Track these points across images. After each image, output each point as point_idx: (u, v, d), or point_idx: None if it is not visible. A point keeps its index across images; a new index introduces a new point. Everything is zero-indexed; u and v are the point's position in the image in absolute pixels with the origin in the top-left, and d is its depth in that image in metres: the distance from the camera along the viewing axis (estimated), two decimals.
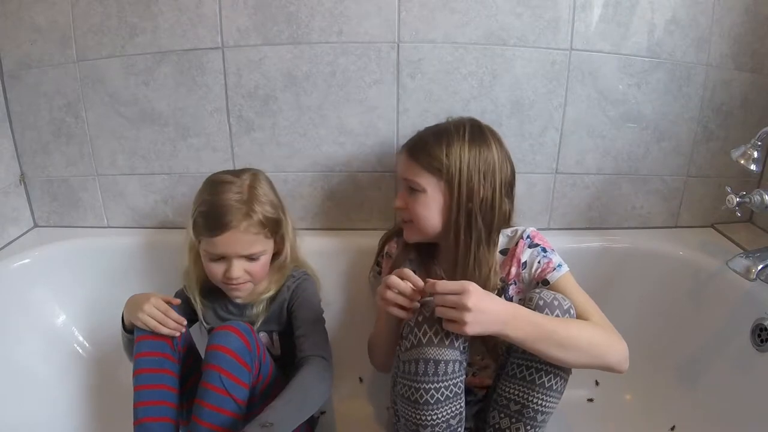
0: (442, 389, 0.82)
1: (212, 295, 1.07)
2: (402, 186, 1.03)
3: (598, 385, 1.26)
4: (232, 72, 1.19)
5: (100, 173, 1.31)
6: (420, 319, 0.83)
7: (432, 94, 1.20)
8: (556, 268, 0.95)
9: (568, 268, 0.96)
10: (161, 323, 0.94)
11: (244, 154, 1.26)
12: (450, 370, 0.81)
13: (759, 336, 1.05)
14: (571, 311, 0.86)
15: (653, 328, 1.24)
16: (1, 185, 1.27)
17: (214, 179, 1.02)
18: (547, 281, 0.95)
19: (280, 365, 1.03)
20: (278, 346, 1.09)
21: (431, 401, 0.82)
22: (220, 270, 0.99)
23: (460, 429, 0.86)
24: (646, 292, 1.26)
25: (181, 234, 1.04)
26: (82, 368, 1.24)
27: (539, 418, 0.86)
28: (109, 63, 1.20)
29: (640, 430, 1.17)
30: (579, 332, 0.84)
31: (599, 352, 0.84)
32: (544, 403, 0.85)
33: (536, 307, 0.84)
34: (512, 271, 0.99)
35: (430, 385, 0.81)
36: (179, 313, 0.97)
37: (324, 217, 1.31)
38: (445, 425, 0.84)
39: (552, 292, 0.88)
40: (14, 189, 1.31)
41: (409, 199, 0.99)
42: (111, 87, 1.22)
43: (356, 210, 1.30)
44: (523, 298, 0.90)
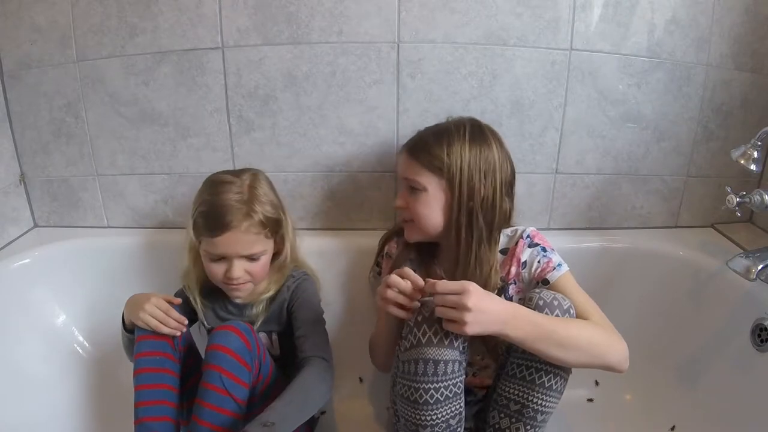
0: (442, 389, 0.82)
1: (212, 295, 1.07)
2: (403, 185, 1.03)
3: (598, 385, 1.26)
4: (232, 72, 1.19)
5: (100, 173, 1.31)
6: (419, 319, 0.83)
7: (432, 94, 1.20)
8: (555, 268, 0.95)
9: (568, 268, 0.96)
10: (162, 323, 0.94)
11: (244, 154, 1.26)
12: (449, 370, 0.81)
13: (759, 336, 1.05)
14: (571, 311, 0.86)
15: (653, 328, 1.24)
16: (1, 185, 1.27)
17: (214, 179, 1.02)
18: (547, 281, 0.95)
19: (279, 366, 1.03)
20: (277, 347, 1.09)
21: (431, 401, 0.82)
22: (221, 270, 0.99)
23: (459, 429, 0.86)
24: (646, 292, 1.26)
25: (181, 234, 1.04)
26: (82, 368, 1.24)
27: (539, 417, 0.86)
28: (109, 63, 1.20)
29: (640, 430, 1.17)
30: (579, 332, 0.84)
31: (599, 351, 0.84)
32: (544, 403, 0.85)
33: (536, 307, 0.84)
34: (512, 270, 0.99)
35: (429, 385, 0.81)
36: (180, 312, 0.97)
37: (324, 217, 1.31)
38: (444, 425, 0.84)
39: (552, 292, 0.88)
40: (14, 189, 1.31)
41: (410, 199, 0.99)
42: (111, 87, 1.22)
43: (356, 210, 1.30)
44: (523, 298, 0.90)
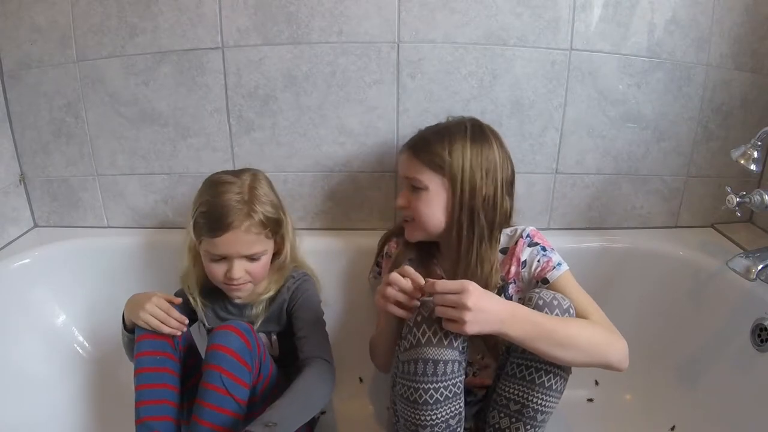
0: (441, 389, 0.82)
1: (212, 295, 1.07)
2: (404, 185, 1.03)
3: (598, 385, 1.26)
4: (232, 72, 1.19)
5: (100, 173, 1.31)
6: (419, 319, 0.83)
7: (432, 94, 1.20)
8: (555, 267, 0.95)
9: (568, 267, 0.96)
10: (163, 322, 0.94)
11: (244, 154, 1.26)
12: (449, 370, 0.81)
13: (759, 336, 1.05)
14: (571, 311, 0.86)
15: (653, 328, 1.24)
16: (1, 185, 1.27)
17: (214, 179, 1.01)
18: (546, 280, 0.95)
19: (278, 366, 1.03)
20: (277, 347, 1.09)
21: (430, 401, 0.82)
22: (221, 270, 0.99)
23: (459, 429, 0.86)
24: (646, 292, 1.26)
25: (181, 234, 1.04)
26: (82, 368, 1.24)
27: (539, 417, 0.86)
28: (109, 63, 1.20)
29: (640, 430, 1.17)
30: (579, 331, 0.83)
31: (599, 350, 0.84)
32: (543, 403, 0.85)
33: (536, 307, 0.84)
34: (512, 269, 0.99)
35: (429, 385, 0.81)
36: (181, 312, 0.97)
37: (324, 217, 1.31)
38: (444, 425, 0.84)
39: (551, 292, 0.88)
40: (14, 189, 1.31)
41: (412, 198, 0.99)
42: (111, 87, 1.22)
43: (356, 210, 1.30)
44: (523, 298, 0.90)
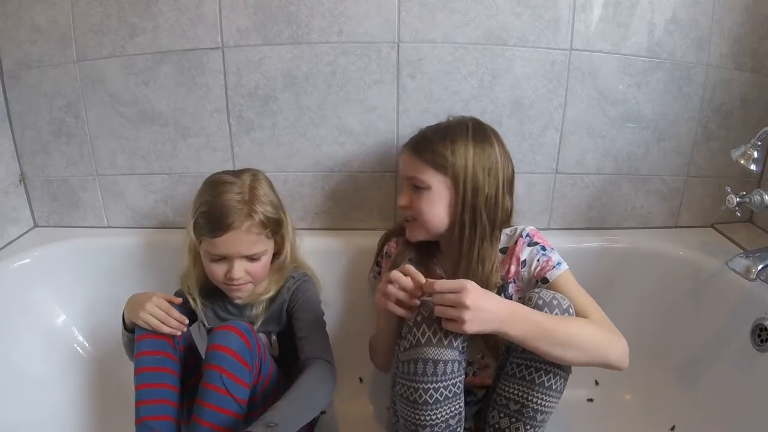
0: (441, 389, 0.82)
1: (212, 295, 1.07)
2: (405, 184, 1.02)
3: (597, 384, 1.26)
4: (232, 72, 1.19)
5: (100, 173, 1.31)
6: (419, 319, 0.83)
7: (432, 94, 1.20)
8: (555, 266, 0.95)
9: (568, 267, 0.96)
10: (163, 322, 0.94)
11: (244, 154, 1.26)
12: (449, 370, 0.81)
13: (759, 336, 1.05)
14: (571, 310, 0.86)
15: (653, 328, 1.24)
16: (1, 185, 1.27)
17: (214, 180, 1.01)
18: (546, 279, 0.95)
19: (278, 366, 1.03)
20: (277, 348, 1.09)
21: (430, 401, 0.82)
22: (222, 270, 0.98)
23: (459, 429, 0.86)
24: (646, 292, 1.26)
25: (181, 234, 1.04)
26: (82, 368, 1.24)
27: (539, 417, 0.86)
28: (109, 63, 1.20)
29: (640, 430, 1.17)
30: (579, 330, 0.84)
31: (599, 349, 0.84)
32: (543, 403, 0.85)
33: (536, 306, 0.84)
34: (512, 269, 1.00)
35: (429, 385, 0.81)
36: (181, 312, 0.97)
37: (324, 217, 1.31)
38: (444, 425, 0.84)
39: (551, 292, 0.88)
40: (14, 189, 1.31)
41: (414, 197, 0.99)
42: (111, 87, 1.22)
43: (356, 210, 1.30)
44: (523, 297, 0.90)
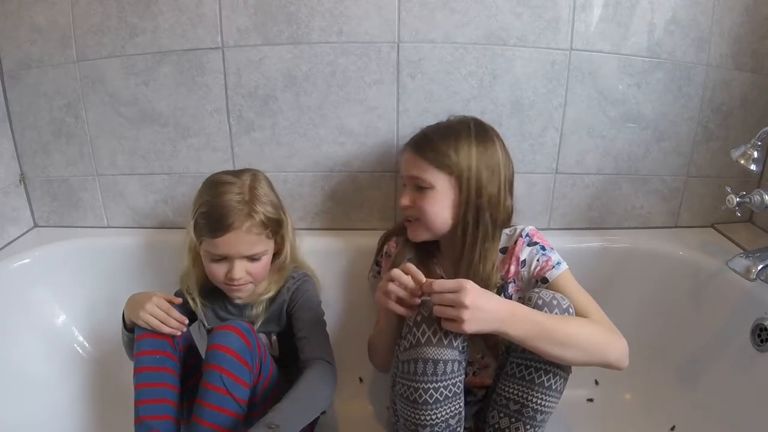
0: (441, 389, 0.82)
1: (212, 295, 1.07)
2: (407, 184, 1.02)
3: (597, 384, 1.26)
4: (232, 72, 1.19)
5: (100, 173, 1.31)
6: (419, 318, 0.83)
7: (432, 94, 1.20)
8: (555, 266, 0.95)
9: (567, 266, 0.96)
10: (163, 322, 0.94)
11: (244, 154, 1.26)
12: (449, 370, 0.81)
13: (759, 336, 1.05)
14: (571, 310, 0.86)
15: (653, 328, 1.24)
16: (1, 185, 1.27)
17: (214, 180, 1.01)
18: (546, 279, 0.95)
19: (278, 367, 1.03)
20: (277, 348, 1.09)
21: (430, 401, 0.82)
22: (222, 271, 0.98)
23: (459, 429, 0.86)
24: (646, 292, 1.26)
25: (181, 234, 1.04)
26: (82, 368, 1.24)
27: (539, 417, 0.86)
28: (109, 63, 1.20)
29: (640, 430, 1.17)
30: (579, 330, 0.83)
31: (599, 349, 0.84)
32: (543, 403, 0.85)
33: (535, 306, 0.84)
34: (511, 269, 0.99)
35: (429, 384, 0.81)
36: (181, 312, 0.97)
37: (324, 217, 1.31)
38: (444, 425, 0.84)
39: (551, 292, 0.88)
40: (14, 189, 1.31)
41: (417, 197, 0.99)
42: (111, 87, 1.22)
43: (356, 210, 1.30)
44: (523, 297, 0.90)
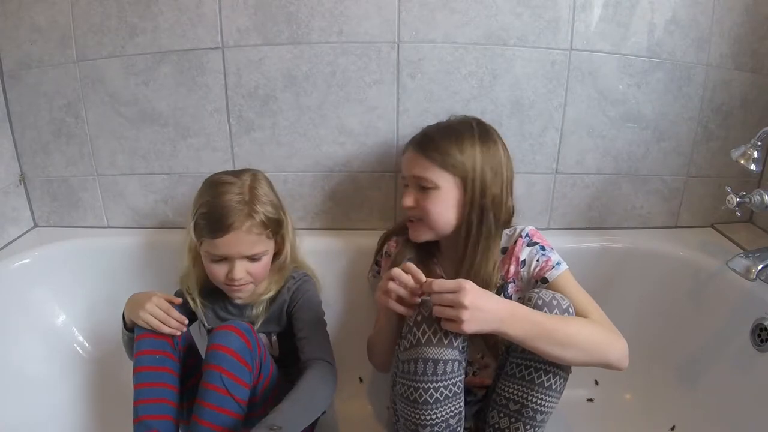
0: (441, 389, 0.82)
1: (212, 295, 1.07)
2: (410, 184, 1.01)
3: (597, 384, 1.26)
4: (232, 72, 1.19)
5: (100, 173, 1.31)
6: (419, 318, 0.83)
7: (432, 94, 1.20)
8: (554, 266, 0.95)
9: (567, 266, 0.96)
10: (163, 322, 0.94)
11: (244, 154, 1.26)
12: (449, 370, 0.81)
13: (759, 336, 1.05)
14: (570, 310, 0.86)
15: (653, 328, 1.24)
16: (1, 185, 1.27)
17: (214, 180, 1.01)
18: (546, 279, 0.95)
19: (279, 367, 1.03)
20: (277, 348, 1.09)
21: (430, 401, 0.82)
22: (222, 271, 0.98)
23: (459, 429, 0.86)
24: (646, 292, 1.26)
25: (181, 234, 1.04)
26: (82, 368, 1.24)
27: (538, 417, 0.86)
28: (109, 63, 1.20)
29: (640, 430, 1.17)
30: (578, 330, 0.83)
31: (599, 349, 0.84)
32: (543, 403, 0.85)
33: (535, 306, 0.84)
34: (511, 269, 0.99)
35: (429, 384, 0.81)
36: (181, 312, 0.97)
37: (324, 217, 1.31)
38: (444, 425, 0.84)
39: (551, 292, 0.88)
40: (14, 189, 1.31)
41: (420, 197, 0.98)
42: (111, 87, 1.22)
43: (356, 210, 1.30)
44: (523, 297, 0.90)
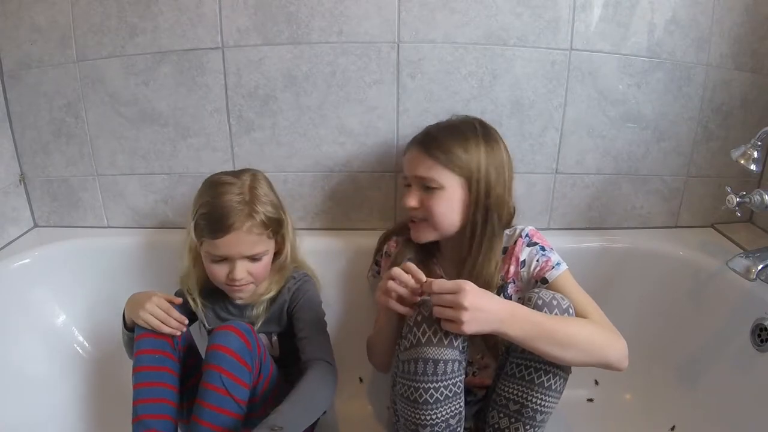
0: (442, 389, 0.82)
1: (212, 296, 1.07)
2: (414, 184, 0.99)
3: (597, 384, 1.26)
4: (232, 72, 1.19)
5: (100, 173, 1.31)
6: (419, 318, 0.83)
7: (432, 94, 1.19)
8: (554, 267, 0.95)
9: (567, 267, 0.96)
10: (163, 322, 0.94)
11: (244, 154, 1.26)
12: (449, 370, 0.81)
13: (759, 336, 1.05)
14: (570, 310, 0.86)
15: (653, 328, 1.24)
16: (1, 185, 1.27)
17: (214, 180, 1.01)
18: (545, 280, 0.95)
19: (279, 367, 1.03)
20: (277, 348, 1.09)
21: (430, 401, 0.82)
22: (223, 271, 0.98)
23: (459, 429, 0.86)
24: (646, 292, 1.26)
25: (181, 234, 1.04)
26: (82, 368, 1.24)
27: (538, 417, 0.86)
28: (109, 63, 1.20)
29: (640, 430, 1.17)
30: (578, 330, 0.83)
31: (599, 350, 0.84)
32: (543, 403, 0.85)
33: (535, 307, 0.84)
34: (511, 269, 0.99)
35: (429, 384, 0.81)
36: (181, 312, 0.97)
37: (324, 217, 1.31)
38: (444, 425, 0.84)
39: (551, 292, 0.88)
40: (14, 189, 1.31)
41: (425, 197, 0.97)
42: (111, 87, 1.22)
43: (356, 210, 1.30)
44: (522, 297, 0.90)
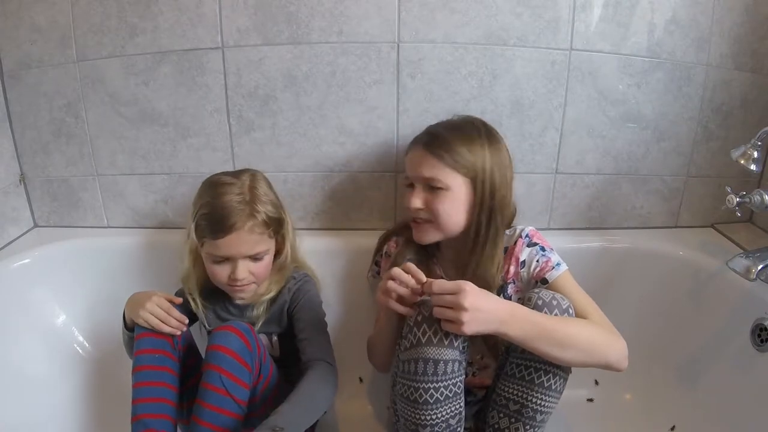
0: (442, 389, 0.82)
1: (212, 296, 1.07)
2: (418, 185, 0.98)
3: (597, 384, 1.26)
4: (232, 72, 1.19)
5: (100, 173, 1.31)
6: (419, 318, 0.83)
7: (432, 94, 1.19)
8: (554, 267, 0.95)
9: (567, 267, 0.96)
10: (164, 322, 0.94)
11: (244, 154, 1.26)
12: (449, 370, 0.81)
13: (759, 336, 1.05)
14: (570, 311, 0.86)
15: (653, 328, 1.24)
16: (1, 185, 1.27)
17: (213, 181, 1.01)
18: (545, 280, 0.95)
19: (279, 367, 1.03)
20: (277, 348, 1.09)
21: (430, 401, 0.82)
22: (225, 272, 0.98)
23: (459, 429, 0.86)
24: (646, 292, 1.26)
25: (181, 234, 1.04)
26: (82, 368, 1.24)
27: (538, 417, 0.86)
28: (109, 63, 1.20)
29: (640, 430, 1.17)
30: (578, 331, 0.84)
31: (598, 350, 0.84)
32: (543, 403, 0.85)
33: (535, 307, 0.84)
34: (511, 269, 0.99)
35: (429, 384, 0.81)
36: (181, 312, 0.97)
37: (324, 217, 1.31)
38: (444, 425, 0.84)
39: (551, 292, 0.88)
40: (14, 189, 1.31)
41: (429, 198, 0.97)
42: (111, 87, 1.22)
43: (356, 210, 1.30)
44: (522, 298, 0.90)
